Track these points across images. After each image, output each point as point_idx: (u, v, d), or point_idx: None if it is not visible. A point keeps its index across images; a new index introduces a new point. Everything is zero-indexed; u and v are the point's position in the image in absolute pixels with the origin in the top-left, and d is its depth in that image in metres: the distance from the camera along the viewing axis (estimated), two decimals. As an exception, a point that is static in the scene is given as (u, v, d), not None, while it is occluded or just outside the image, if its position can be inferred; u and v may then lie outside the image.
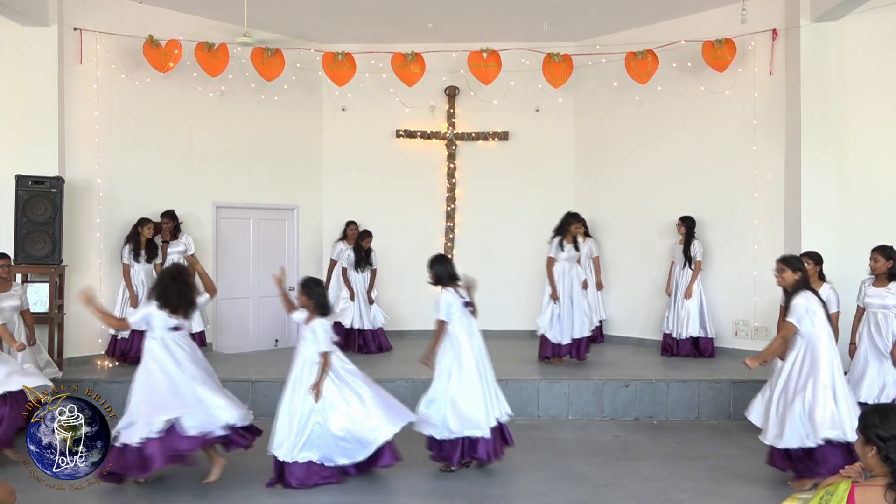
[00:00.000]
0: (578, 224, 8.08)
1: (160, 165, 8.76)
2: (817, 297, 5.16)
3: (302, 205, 10.05)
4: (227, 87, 9.14)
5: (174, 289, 5.27)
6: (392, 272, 10.21)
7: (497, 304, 10.26)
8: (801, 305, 5.06)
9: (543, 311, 8.10)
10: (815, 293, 5.21)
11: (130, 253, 8.09)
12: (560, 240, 8.01)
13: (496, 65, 9.03)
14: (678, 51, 8.76)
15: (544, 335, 8.07)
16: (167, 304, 5.21)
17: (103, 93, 8.33)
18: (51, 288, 7.51)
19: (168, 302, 5.21)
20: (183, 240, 8.54)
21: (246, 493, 5.09)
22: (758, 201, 8.44)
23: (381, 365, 8.36)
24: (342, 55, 9.02)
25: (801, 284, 5.17)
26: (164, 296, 5.23)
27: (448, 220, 10.35)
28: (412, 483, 5.37)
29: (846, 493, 2.61)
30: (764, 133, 8.36)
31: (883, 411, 2.71)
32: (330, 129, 10.28)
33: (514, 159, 10.27)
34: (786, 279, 5.21)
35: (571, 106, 10.21)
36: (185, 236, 8.57)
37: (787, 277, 5.20)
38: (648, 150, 9.46)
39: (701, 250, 8.54)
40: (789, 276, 5.20)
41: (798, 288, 5.15)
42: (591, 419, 7.14)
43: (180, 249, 8.48)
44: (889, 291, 5.97)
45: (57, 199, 7.54)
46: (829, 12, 7.44)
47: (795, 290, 5.15)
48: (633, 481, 5.37)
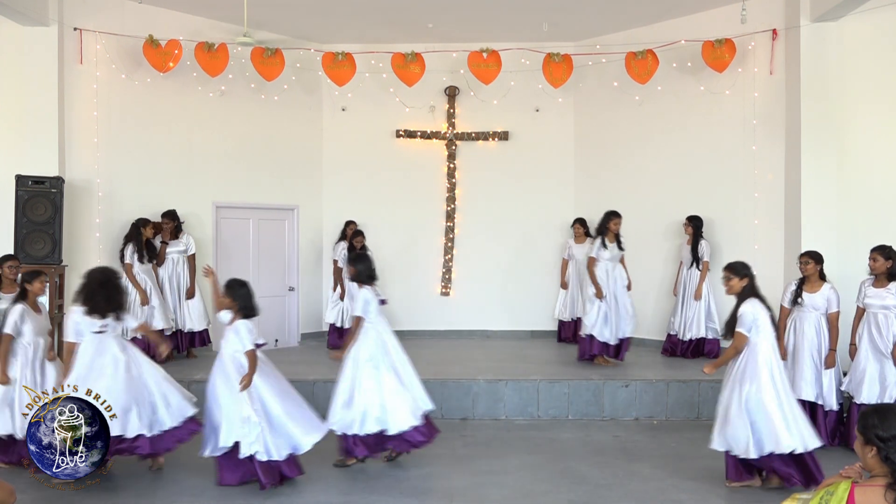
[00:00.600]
0: (617, 220, 7.96)
1: (160, 165, 8.76)
2: (763, 305, 5.11)
3: (302, 205, 10.05)
4: (227, 87, 9.14)
5: (101, 294, 5.33)
6: (392, 272, 10.21)
7: (497, 304, 10.28)
8: (748, 314, 5.03)
9: (588, 311, 7.97)
10: (763, 300, 5.14)
11: (134, 253, 8.06)
12: (602, 239, 7.96)
13: (496, 65, 9.03)
14: (678, 51, 8.75)
15: (591, 335, 7.93)
16: (95, 309, 5.28)
17: (103, 93, 8.33)
18: (51, 288, 7.49)
19: (95, 307, 5.29)
20: (184, 240, 8.54)
21: (247, 493, 5.09)
22: (758, 201, 8.43)
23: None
24: (342, 55, 9.02)
25: (749, 292, 5.12)
26: (91, 300, 5.30)
27: (448, 219, 10.35)
28: (412, 483, 5.37)
29: (846, 493, 2.61)
30: (764, 133, 8.35)
31: (882, 412, 2.71)
32: (330, 129, 10.28)
33: (514, 159, 10.27)
34: (733, 287, 5.17)
35: (571, 106, 10.21)
36: (185, 236, 8.57)
37: (734, 285, 5.16)
38: (648, 151, 9.46)
39: (709, 250, 8.48)
40: (736, 283, 5.15)
41: (746, 295, 5.10)
42: (591, 419, 7.14)
43: (181, 249, 8.48)
44: (889, 291, 5.97)
45: (57, 199, 7.54)
46: (829, 12, 7.44)
47: (743, 298, 5.10)
48: (633, 481, 5.37)
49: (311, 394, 7.20)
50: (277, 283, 9.82)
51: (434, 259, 10.37)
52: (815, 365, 6.15)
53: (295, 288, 9.98)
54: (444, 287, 10.35)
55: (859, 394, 5.98)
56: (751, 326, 5.02)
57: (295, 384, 7.13)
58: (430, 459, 5.88)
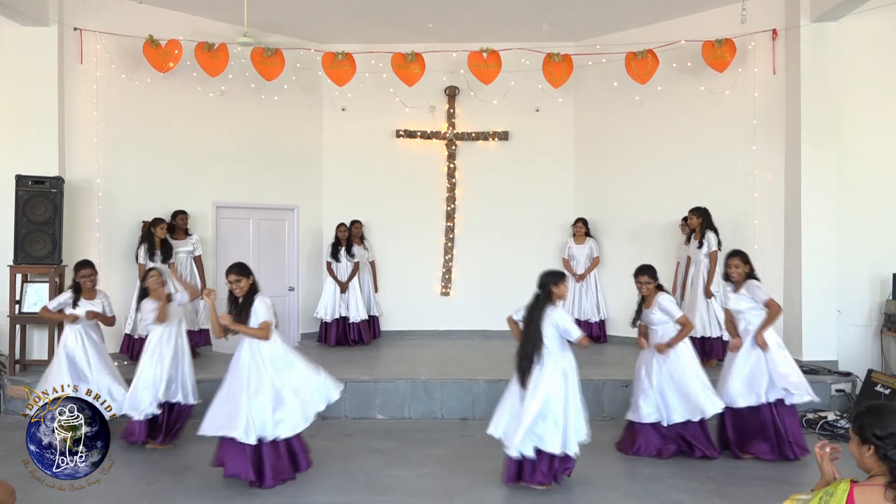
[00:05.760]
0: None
1: (160, 165, 8.77)
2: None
3: (302, 205, 10.05)
4: (227, 87, 9.14)
5: None
6: (392, 272, 10.22)
7: (497, 304, 10.24)
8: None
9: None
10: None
11: (147, 254, 8.09)
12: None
13: (496, 65, 9.03)
14: (678, 51, 8.75)
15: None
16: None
17: (103, 93, 8.33)
18: (51, 288, 7.51)
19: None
20: (192, 240, 8.57)
21: (247, 493, 5.09)
22: (758, 201, 8.43)
23: (380, 365, 8.37)
24: (342, 55, 9.02)
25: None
26: None
27: (448, 220, 10.35)
28: (412, 483, 5.37)
29: (845, 493, 2.60)
30: (764, 133, 8.35)
31: (877, 410, 2.70)
32: (330, 129, 10.28)
33: (514, 159, 10.27)
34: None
35: (571, 106, 10.21)
36: (194, 237, 8.61)
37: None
38: (648, 150, 9.46)
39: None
40: (565, 287, 5.50)
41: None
42: (591, 419, 7.01)
43: (188, 249, 8.50)
44: (741, 296, 5.93)
45: (57, 199, 7.54)
46: (829, 12, 7.45)
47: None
48: (633, 481, 5.37)
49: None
50: (277, 283, 9.82)
51: (434, 259, 10.37)
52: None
53: (295, 288, 9.98)
54: (444, 287, 10.35)
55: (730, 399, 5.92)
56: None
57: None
58: (431, 459, 5.89)
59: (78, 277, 6.35)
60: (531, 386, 5.05)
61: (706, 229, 8.03)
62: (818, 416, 6.77)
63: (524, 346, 5.13)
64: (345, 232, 9.52)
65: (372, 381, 7.29)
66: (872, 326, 7.97)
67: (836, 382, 7.27)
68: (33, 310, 7.46)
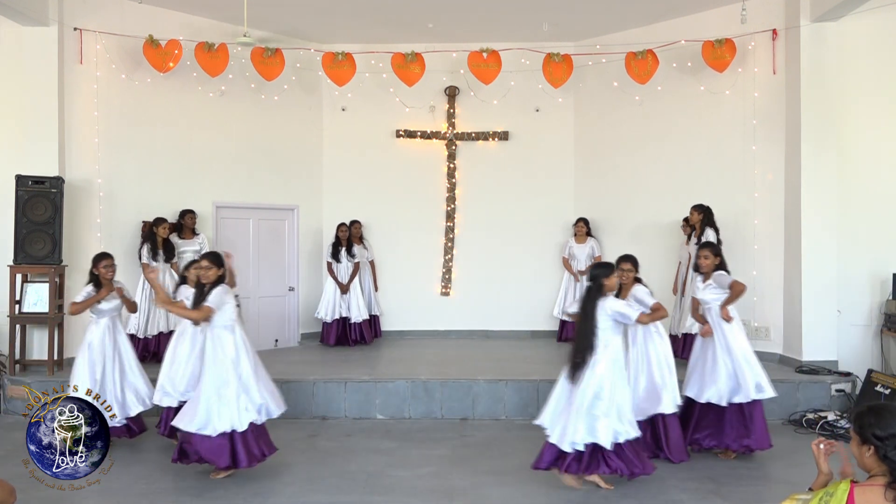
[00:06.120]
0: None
1: (160, 165, 8.77)
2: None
3: (302, 205, 10.05)
4: (227, 87, 9.14)
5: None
6: (392, 272, 10.22)
7: (497, 304, 10.28)
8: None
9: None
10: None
11: (150, 253, 8.13)
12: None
13: (496, 65, 9.03)
14: (678, 51, 8.75)
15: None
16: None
17: (103, 93, 8.33)
18: (51, 288, 7.51)
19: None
20: (199, 240, 8.60)
21: (247, 493, 5.09)
22: (758, 201, 8.43)
23: (380, 365, 8.37)
24: (342, 55, 9.02)
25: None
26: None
27: (448, 219, 10.35)
28: (412, 483, 5.37)
29: (845, 493, 2.60)
30: (764, 133, 8.35)
31: (878, 411, 2.71)
32: (330, 129, 10.28)
33: (514, 159, 10.27)
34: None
35: (571, 106, 10.21)
36: (201, 236, 8.65)
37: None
38: (648, 150, 9.46)
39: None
40: (616, 279, 5.40)
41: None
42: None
43: (195, 249, 8.50)
44: (708, 286, 5.98)
45: (57, 199, 7.54)
46: (829, 12, 7.44)
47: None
48: (633, 481, 5.37)
49: (311, 394, 7.23)
50: (277, 283, 9.82)
51: (434, 259, 10.37)
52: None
53: (295, 288, 9.98)
54: (444, 287, 10.35)
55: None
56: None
57: (295, 384, 7.20)
58: (431, 459, 5.89)
59: (99, 268, 6.16)
60: (584, 378, 5.06)
61: (706, 227, 8.04)
62: (818, 416, 6.77)
63: (579, 342, 5.14)
64: (345, 232, 9.54)
65: (372, 381, 7.29)
66: (872, 326, 7.96)
67: (836, 382, 7.27)
68: (33, 310, 7.47)
